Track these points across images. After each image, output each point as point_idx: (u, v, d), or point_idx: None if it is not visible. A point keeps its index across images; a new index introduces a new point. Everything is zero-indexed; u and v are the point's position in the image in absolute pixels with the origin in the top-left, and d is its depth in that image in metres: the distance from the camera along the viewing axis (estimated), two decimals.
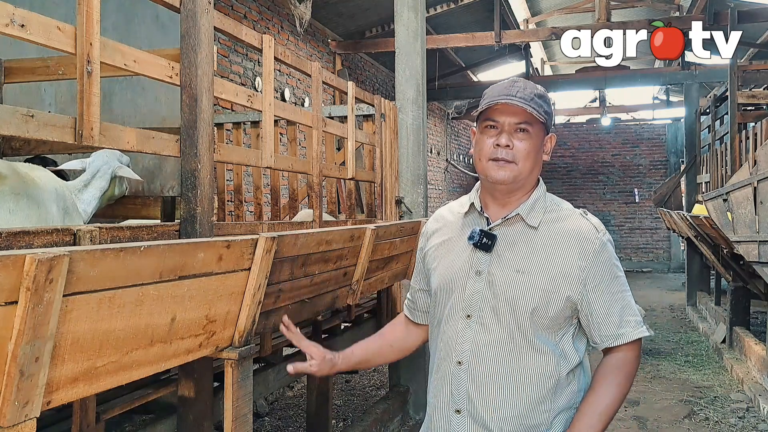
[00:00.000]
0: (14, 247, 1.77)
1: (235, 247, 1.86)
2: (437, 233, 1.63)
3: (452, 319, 1.51)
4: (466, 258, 1.51)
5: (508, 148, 1.46)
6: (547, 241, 1.47)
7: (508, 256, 1.47)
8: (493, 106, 1.47)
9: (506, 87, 1.48)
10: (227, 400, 2.02)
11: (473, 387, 1.46)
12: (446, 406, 1.50)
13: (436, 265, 1.59)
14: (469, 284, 1.49)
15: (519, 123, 1.46)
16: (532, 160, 1.48)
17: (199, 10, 2.46)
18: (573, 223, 1.49)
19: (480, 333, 1.46)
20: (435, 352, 1.57)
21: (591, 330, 1.48)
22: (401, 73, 5.25)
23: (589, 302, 1.45)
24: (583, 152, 16.72)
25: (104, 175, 2.95)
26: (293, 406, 5.23)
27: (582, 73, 11.69)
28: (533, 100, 1.45)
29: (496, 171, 1.46)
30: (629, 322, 1.47)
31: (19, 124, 1.83)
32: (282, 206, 4.79)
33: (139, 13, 4.03)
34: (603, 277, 1.46)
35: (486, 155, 1.48)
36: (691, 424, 4.82)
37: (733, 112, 7.72)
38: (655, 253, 16.40)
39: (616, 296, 1.47)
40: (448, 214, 1.65)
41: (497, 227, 1.50)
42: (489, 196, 1.54)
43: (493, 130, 1.48)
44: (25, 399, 1.25)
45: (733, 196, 4.68)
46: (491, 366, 1.45)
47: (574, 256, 1.45)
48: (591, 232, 1.47)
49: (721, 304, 8.14)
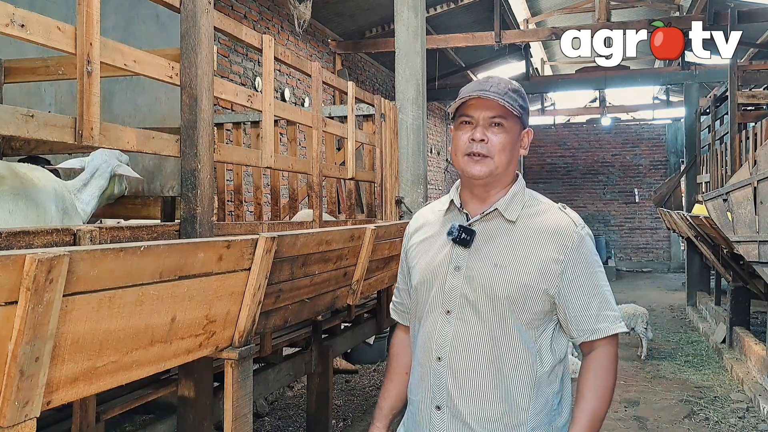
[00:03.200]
0: (14, 247, 1.77)
1: (235, 247, 1.86)
2: (419, 232, 1.64)
3: (432, 314, 1.51)
4: (446, 254, 1.51)
5: (483, 142, 1.46)
6: (526, 235, 1.47)
7: (487, 251, 1.47)
8: (467, 102, 1.48)
9: (480, 83, 1.49)
10: (227, 400, 2.02)
11: (453, 383, 1.46)
12: (426, 402, 1.50)
13: (416, 262, 1.59)
14: (448, 279, 1.49)
15: (493, 117, 1.46)
16: (507, 154, 1.48)
17: (199, 10, 2.46)
18: (551, 217, 1.49)
19: (459, 328, 1.46)
20: (415, 348, 1.57)
21: (569, 324, 1.47)
22: (401, 73, 5.25)
23: (567, 296, 1.45)
24: (583, 152, 16.71)
25: (103, 174, 2.95)
26: (293, 406, 5.23)
27: (582, 73, 11.69)
28: (507, 94, 1.45)
29: (472, 166, 1.47)
30: (607, 317, 1.47)
31: (19, 124, 1.83)
32: (282, 206, 4.79)
33: (139, 13, 4.03)
34: (581, 271, 1.45)
35: (462, 150, 1.48)
36: (691, 424, 4.82)
37: (733, 112, 7.72)
38: (655, 253, 16.40)
39: (594, 290, 1.46)
40: (429, 213, 1.66)
41: (476, 223, 1.51)
42: (468, 192, 1.55)
43: (468, 125, 1.49)
44: (25, 399, 1.25)
45: (733, 196, 4.68)
46: (471, 361, 1.45)
47: (553, 249, 1.44)
48: (569, 227, 1.47)
49: (721, 304, 8.14)
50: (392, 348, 1.74)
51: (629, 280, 14.10)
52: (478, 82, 1.50)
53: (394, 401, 1.68)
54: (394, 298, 1.76)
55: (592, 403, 1.44)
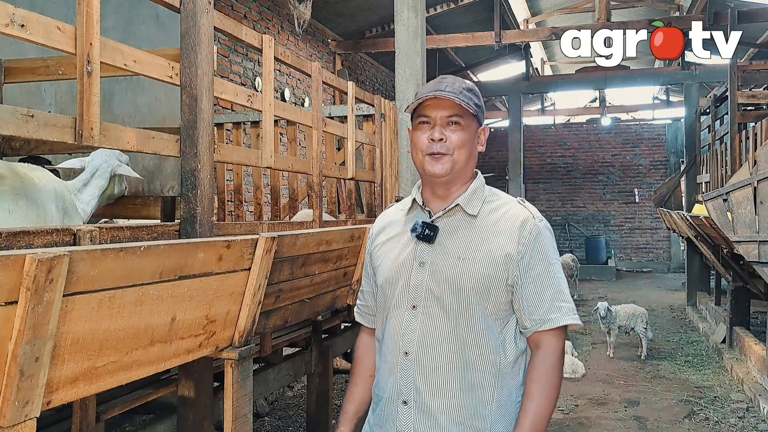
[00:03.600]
0: (14, 247, 1.77)
1: (235, 247, 1.86)
2: (382, 232, 1.67)
3: (398, 310, 1.54)
4: (410, 251, 1.55)
5: (442, 141, 1.51)
6: (487, 228, 1.52)
7: (450, 245, 1.51)
8: (424, 102, 1.52)
9: (435, 83, 1.53)
10: (227, 400, 2.02)
11: (420, 377, 1.49)
12: (393, 397, 1.52)
13: (381, 261, 1.62)
14: (413, 275, 1.52)
15: (450, 116, 1.51)
16: (466, 151, 1.53)
17: (199, 10, 2.46)
18: (511, 210, 1.54)
19: (426, 323, 1.50)
20: (382, 345, 1.60)
21: (522, 314, 1.51)
22: (401, 73, 5.25)
23: (523, 285, 1.49)
24: (583, 152, 16.70)
25: (103, 174, 2.94)
26: (293, 406, 5.23)
27: (582, 73, 11.69)
28: (462, 93, 1.50)
29: (433, 164, 1.51)
30: (560, 308, 1.50)
31: (19, 124, 1.83)
32: (282, 206, 4.79)
33: (139, 13, 4.03)
34: (538, 261, 1.50)
35: (422, 150, 1.53)
36: (691, 424, 4.82)
37: (733, 112, 7.72)
38: (655, 253, 16.39)
39: (548, 281, 1.50)
40: (393, 213, 1.69)
41: (438, 219, 1.55)
42: (429, 190, 1.59)
43: (426, 125, 1.53)
44: (25, 399, 1.25)
45: (733, 196, 4.68)
46: (438, 355, 1.48)
47: (512, 241, 1.49)
48: (528, 219, 1.52)
49: (721, 304, 8.14)
50: (357, 351, 1.76)
51: (629, 280, 14.10)
52: (433, 83, 1.55)
53: (358, 404, 1.70)
54: (358, 300, 1.78)
55: (538, 401, 1.47)
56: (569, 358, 6.27)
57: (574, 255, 11.80)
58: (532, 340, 1.52)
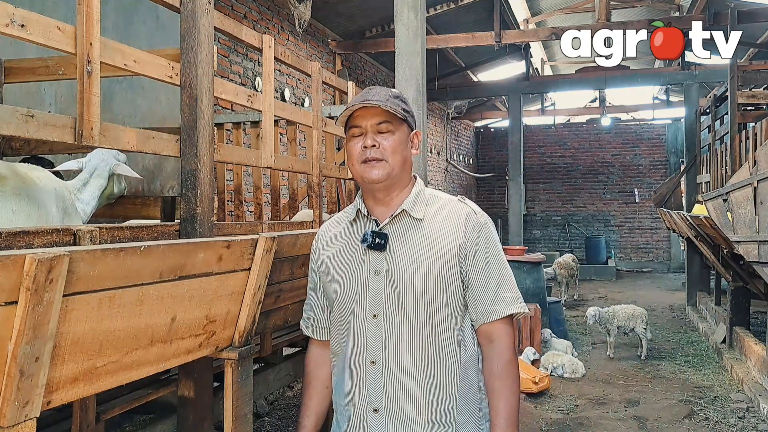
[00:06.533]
0: (14, 247, 1.77)
1: (235, 247, 1.86)
2: (327, 246, 1.68)
3: (358, 321, 1.56)
4: (363, 261, 1.57)
5: (375, 147, 1.54)
6: (434, 229, 1.56)
7: (401, 250, 1.55)
8: (354, 114, 1.57)
9: (363, 94, 1.60)
10: (227, 400, 2.01)
11: (390, 384, 1.51)
12: (363, 407, 1.54)
13: (332, 275, 1.63)
14: (370, 285, 1.55)
15: (380, 123, 1.55)
16: (400, 155, 1.56)
17: (199, 10, 2.46)
18: (454, 209, 1.59)
19: (389, 330, 1.52)
20: (344, 355, 1.60)
21: (471, 308, 1.55)
22: (401, 73, 5.24)
23: (469, 279, 1.54)
24: (583, 152, 16.71)
25: (102, 173, 2.95)
26: (293, 406, 5.23)
27: (582, 73, 11.70)
28: (389, 100, 1.55)
29: (369, 171, 1.55)
30: (504, 298, 1.55)
31: (19, 124, 1.83)
32: (282, 206, 4.79)
33: (139, 13, 4.03)
34: (481, 254, 1.55)
35: (357, 159, 1.57)
36: (691, 424, 4.81)
37: (733, 112, 7.72)
38: (655, 253, 16.40)
39: (492, 273, 1.55)
40: (336, 225, 1.71)
41: (386, 226, 1.57)
42: (371, 199, 1.61)
43: (358, 135, 1.57)
44: (25, 399, 1.25)
45: (733, 196, 4.68)
46: (404, 360, 1.51)
47: (458, 237, 1.54)
48: (470, 215, 1.57)
49: (721, 304, 8.14)
50: (308, 365, 1.74)
51: (629, 280, 14.10)
52: (361, 94, 1.59)
53: (316, 418, 1.70)
54: (304, 314, 1.77)
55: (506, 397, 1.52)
56: (569, 358, 6.27)
57: (574, 255, 11.79)
58: (482, 333, 1.56)
